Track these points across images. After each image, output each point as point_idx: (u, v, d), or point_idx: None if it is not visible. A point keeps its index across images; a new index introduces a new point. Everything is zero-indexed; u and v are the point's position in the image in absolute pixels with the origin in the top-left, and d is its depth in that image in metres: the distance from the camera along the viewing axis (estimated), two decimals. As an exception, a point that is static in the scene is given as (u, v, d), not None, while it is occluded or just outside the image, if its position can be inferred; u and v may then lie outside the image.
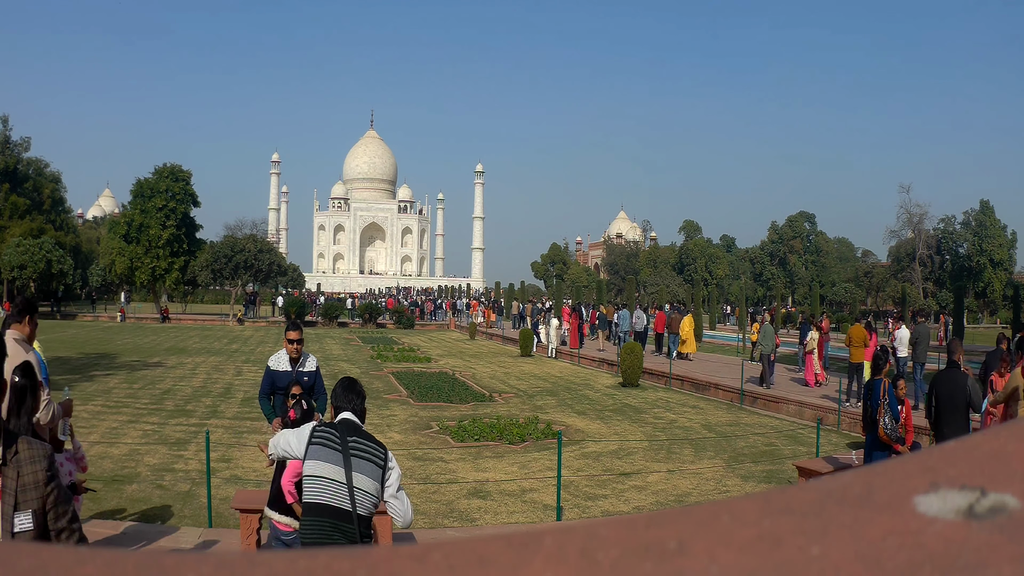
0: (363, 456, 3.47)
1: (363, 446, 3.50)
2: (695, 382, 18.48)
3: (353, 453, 3.44)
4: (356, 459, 3.44)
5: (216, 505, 7.37)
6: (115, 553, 0.40)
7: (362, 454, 3.47)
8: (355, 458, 3.44)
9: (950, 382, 7.61)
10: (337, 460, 3.42)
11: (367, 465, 3.45)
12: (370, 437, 3.62)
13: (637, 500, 8.66)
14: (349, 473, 3.39)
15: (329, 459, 3.43)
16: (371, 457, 3.49)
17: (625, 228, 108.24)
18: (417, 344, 31.27)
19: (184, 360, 22.27)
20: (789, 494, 0.43)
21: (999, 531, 0.37)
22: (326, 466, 3.42)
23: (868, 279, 76.94)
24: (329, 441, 3.47)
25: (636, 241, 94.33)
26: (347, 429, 3.56)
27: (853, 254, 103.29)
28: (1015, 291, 38.61)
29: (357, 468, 3.42)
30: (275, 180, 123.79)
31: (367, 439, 3.58)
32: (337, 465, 3.41)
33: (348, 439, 3.49)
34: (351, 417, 3.66)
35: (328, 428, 3.56)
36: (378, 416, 13.48)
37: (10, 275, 41.76)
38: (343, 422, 3.61)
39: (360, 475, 3.41)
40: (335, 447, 3.45)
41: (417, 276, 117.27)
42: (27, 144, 56.70)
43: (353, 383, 3.80)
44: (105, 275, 55.50)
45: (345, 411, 3.68)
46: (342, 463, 3.41)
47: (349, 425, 3.60)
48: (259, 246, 44.11)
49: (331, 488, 3.40)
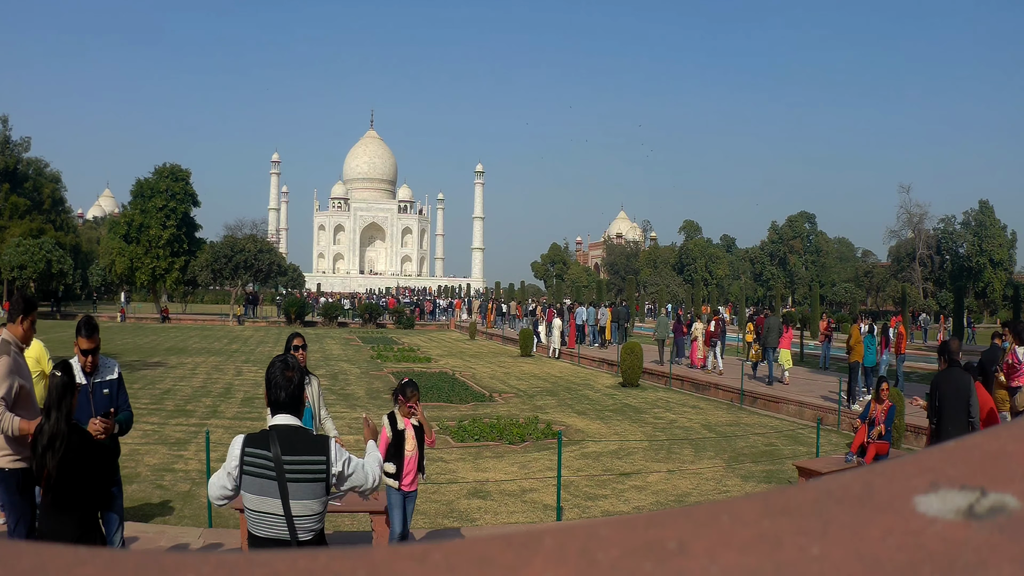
0: (300, 478, 3.10)
1: (299, 465, 3.10)
2: (695, 382, 18.48)
3: (290, 478, 3.08)
4: (292, 484, 3.09)
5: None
6: (115, 553, 0.40)
7: (299, 475, 3.10)
8: (291, 484, 3.08)
9: (952, 382, 7.58)
10: (273, 491, 3.08)
11: (305, 487, 3.11)
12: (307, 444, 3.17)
13: (637, 500, 8.66)
14: (287, 504, 3.07)
15: (264, 491, 3.10)
16: (309, 476, 3.12)
17: (625, 228, 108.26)
18: (417, 344, 31.27)
19: (184, 360, 22.28)
20: (789, 494, 0.43)
21: (999, 531, 0.37)
22: (263, 500, 3.11)
23: (868, 279, 76.97)
24: (262, 469, 3.10)
25: (636, 241, 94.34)
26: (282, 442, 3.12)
27: (853, 254, 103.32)
28: (1015, 291, 38.62)
29: (295, 495, 3.09)
30: (275, 180, 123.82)
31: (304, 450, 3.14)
32: (273, 497, 3.08)
33: (283, 459, 3.09)
34: (286, 422, 3.21)
35: (259, 450, 3.12)
36: (378, 416, 13.47)
37: (10, 275, 41.76)
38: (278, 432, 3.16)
39: (298, 501, 3.09)
40: (269, 475, 3.09)
41: (417, 276, 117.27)
42: (27, 144, 56.75)
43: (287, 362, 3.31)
44: (105, 275, 55.51)
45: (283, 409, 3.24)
46: (278, 493, 3.07)
47: (284, 435, 3.15)
48: (259, 246, 44.12)
49: (268, 521, 3.12)
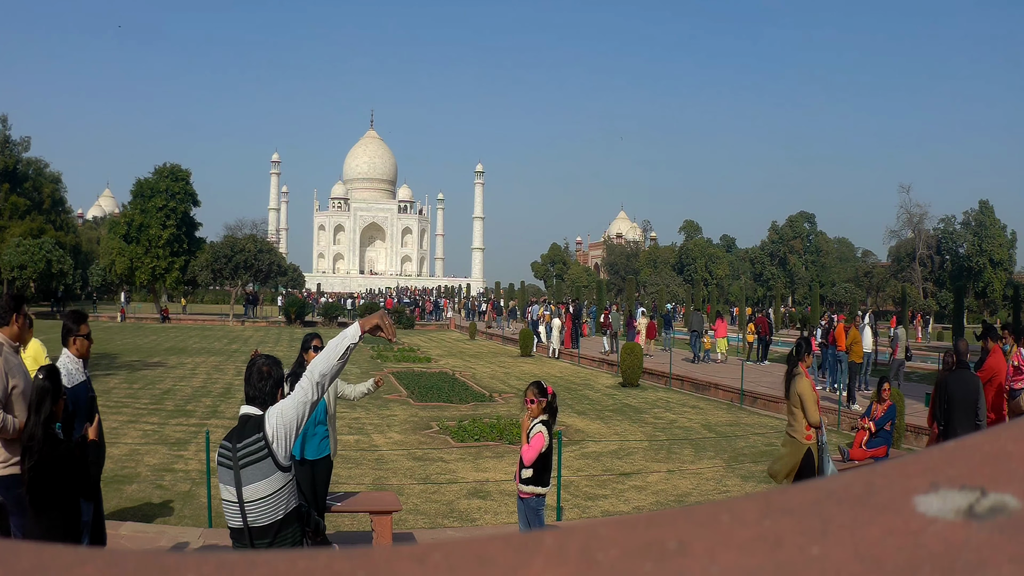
0: (250, 461, 3.19)
1: (248, 449, 3.21)
2: (695, 382, 18.49)
3: (242, 464, 3.19)
4: (245, 469, 3.19)
5: (216, 505, 7.36)
6: (115, 553, 0.40)
7: (249, 459, 3.20)
8: (243, 469, 3.19)
9: (961, 383, 7.57)
10: (229, 480, 3.22)
11: (253, 469, 3.19)
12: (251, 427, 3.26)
13: (637, 500, 8.66)
14: (239, 489, 3.18)
15: (225, 480, 3.24)
16: (254, 458, 3.19)
17: (625, 228, 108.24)
18: (417, 344, 31.28)
19: (184, 360, 22.28)
20: (789, 494, 0.43)
21: (999, 531, 0.37)
22: (224, 489, 3.26)
23: (868, 279, 76.95)
24: (224, 459, 3.26)
25: (636, 241, 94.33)
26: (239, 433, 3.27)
27: (853, 254, 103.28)
28: (1015, 291, 38.63)
29: (247, 479, 3.18)
30: (275, 180, 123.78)
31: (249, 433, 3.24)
32: (230, 484, 3.21)
33: (238, 447, 3.21)
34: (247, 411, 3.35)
35: (227, 441, 3.29)
36: (378, 416, 13.48)
37: (10, 275, 41.75)
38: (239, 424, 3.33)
39: (250, 485, 3.18)
40: (228, 464, 3.23)
41: (417, 276, 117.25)
42: (27, 144, 56.73)
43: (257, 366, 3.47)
44: (105, 275, 55.50)
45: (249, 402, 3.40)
46: (233, 481, 3.20)
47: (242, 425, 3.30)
48: (259, 246, 44.13)
49: (229, 509, 3.26)
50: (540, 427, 5.65)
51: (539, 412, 5.72)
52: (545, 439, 5.62)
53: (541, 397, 5.71)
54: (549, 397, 5.77)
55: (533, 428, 5.68)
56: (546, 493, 5.80)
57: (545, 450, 5.65)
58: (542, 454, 5.63)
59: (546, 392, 5.76)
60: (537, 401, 5.70)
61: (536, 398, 5.70)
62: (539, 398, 5.70)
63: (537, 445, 5.58)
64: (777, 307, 51.75)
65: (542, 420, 5.70)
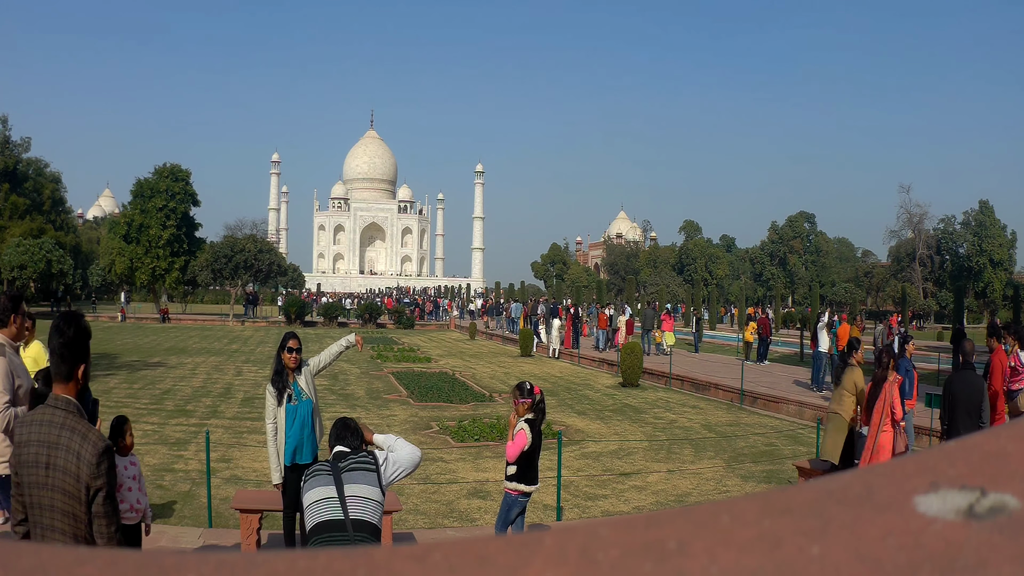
0: (354, 469, 3.55)
1: (353, 464, 3.59)
2: (695, 382, 18.49)
3: (343, 471, 3.55)
4: (347, 473, 3.54)
5: (216, 505, 7.37)
6: (115, 553, 0.40)
7: (352, 469, 3.56)
8: (345, 473, 3.54)
9: (965, 383, 7.57)
10: (328, 482, 3.51)
11: (358, 475, 3.53)
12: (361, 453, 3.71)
13: (637, 500, 8.66)
14: (340, 487, 3.47)
15: (320, 483, 3.52)
16: (361, 467, 3.57)
17: (625, 228, 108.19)
18: (417, 344, 31.27)
19: (184, 360, 22.27)
20: (789, 494, 0.43)
21: (999, 531, 0.37)
22: (319, 490, 3.50)
23: (868, 279, 76.93)
24: (320, 473, 3.59)
25: (636, 241, 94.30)
26: (337, 457, 3.69)
27: (853, 254, 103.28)
28: (1015, 291, 38.62)
29: (348, 480, 3.51)
30: (275, 180, 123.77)
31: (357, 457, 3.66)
32: (328, 486, 3.49)
33: (338, 464, 3.60)
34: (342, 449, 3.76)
35: (319, 464, 3.67)
36: (378, 416, 13.48)
37: (10, 275, 41.75)
38: (334, 455, 3.73)
39: (352, 485, 3.49)
40: (326, 474, 3.56)
41: (417, 276, 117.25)
42: (27, 144, 56.72)
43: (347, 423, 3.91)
44: (105, 275, 55.51)
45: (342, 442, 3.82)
46: (333, 483, 3.50)
47: (339, 455, 3.71)
48: (259, 246, 44.11)
49: (325, 505, 3.46)
50: (523, 425, 5.78)
51: (525, 412, 5.85)
52: (527, 438, 5.74)
53: (525, 398, 5.84)
54: (536, 398, 5.88)
55: (517, 427, 5.81)
56: (532, 491, 5.89)
57: (528, 449, 5.76)
58: (525, 452, 5.75)
59: (530, 393, 5.88)
60: (521, 402, 5.83)
61: (519, 399, 5.84)
62: (522, 399, 5.83)
63: (519, 443, 5.72)
64: (777, 307, 51.72)
65: (526, 419, 5.82)
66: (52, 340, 2.87)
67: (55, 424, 2.83)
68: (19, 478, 2.89)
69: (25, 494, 2.88)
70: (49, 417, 2.84)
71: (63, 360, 2.88)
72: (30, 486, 2.85)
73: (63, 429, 2.82)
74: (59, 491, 2.82)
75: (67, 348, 2.87)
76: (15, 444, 2.94)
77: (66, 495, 2.82)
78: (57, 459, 2.81)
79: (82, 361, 2.92)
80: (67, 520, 2.85)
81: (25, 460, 2.85)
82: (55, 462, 2.81)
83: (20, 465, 2.88)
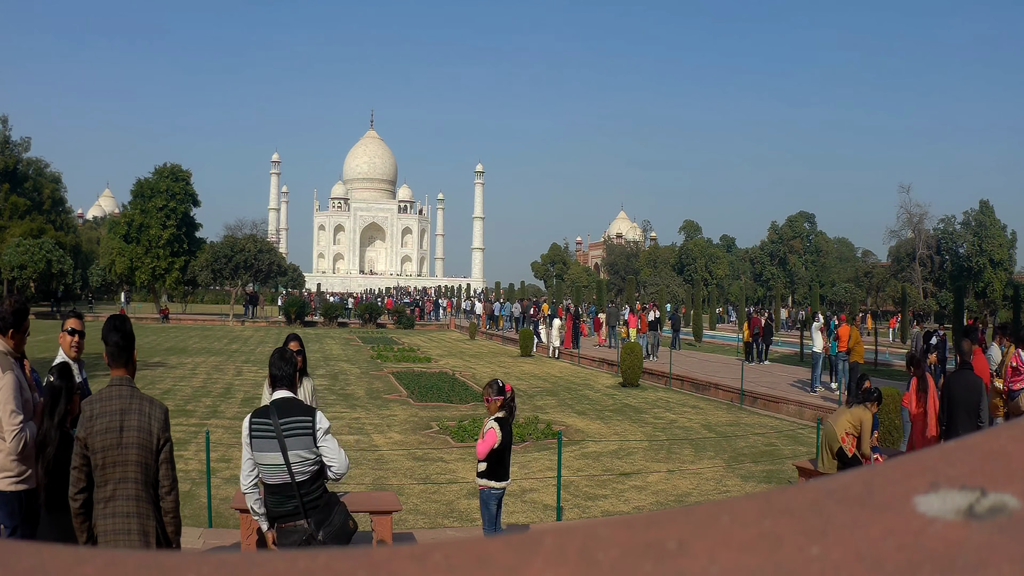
0: (295, 433, 4.05)
1: (293, 424, 4.07)
2: (695, 382, 18.49)
3: (286, 434, 4.04)
4: (289, 439, 4.03)
5: (216, 505, 7.37)
6: (115, 553, 0.40)
7: (294, 432, 4.05)
8: (288, 438, 4.03)
9: (964, 383, 7.59)
10: (274, 447, 4.04)
11: (298, 440, 4.05)
12: (298, 409, 4.16)
13: (637, 500, 8.66)
14: (285, 453, 4.02)
15: (266, 448, 4.06)
16: (301, 431, 4.07)
17: (625, 228, 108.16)
18: (417, 344, 31.27)
19: (184, 360, 22.27)
20: (789, 494, 0.43)
21: (999, 531, 0.37)
22: (267, 455, 4.06)
23: (868, 279, 76.86)
24: (264, 431, 4.08)
25: (636, 241, 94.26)
26: (278, 410, 4.10)
27: (853, 254, 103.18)
28: (1015, 291, 38.59)
29: (291, 446, 4.02)
30: (275, 180, 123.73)
31: (296, 414, 4.11)
32: (274, 451, 4.04)
33: (280, 422, 4.06)
34: (282, 395, 4.20)
35: (261, 418, 4.12)
36: (378, 416, 13.48)
37: (10, 275, 41.72)
38: (274, 404, 4.15)
39: (294, 451, 4.03)
40: (270, 435, 4.06)
41: (417, 276, 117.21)
42: (27, 144, 56.69)
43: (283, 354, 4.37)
44: (105, 275, 55.50)
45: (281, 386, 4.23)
46: (279, 447, 4.03)
47: (280, 405, 4.13)
48: (259, 246, 44.09)
49: (274, 470, 4.05)
50: (492, 424, 5.88)
51: (497, 409, 5.94)
52: (497, 435, 5.85)
53: (496, 395, 5.93)
54: (507, 395, 5.97)
55: (488, 425, 5.90)
56: (503, 487, 6.04)
57: (499, 446, 5.87)
58: (496, 450, 5.86)
59: (502, 390, 5.96)
60: (492, 400, 5.92)
61: (491, 396, 5.93)
62: (494, 396, 5.92)
63: (489, 441, 5.84)
64: (777, 307, 51.73)
65: (496, 418, 5.91)
66: (110, 335, 3.67)
67: (124, 396, 3.63)
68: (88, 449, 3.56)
69: (97, 458, 3.55)
70: (117, 392, 3.63)
71: (122, 350, 3.69)
72: (104, 449, 3.54)
73: (132, 399, 3.64)
74: (133, 446, 3.58)
75: (125, 340, 3.70)
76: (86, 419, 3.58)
77: (140, 448, 3.59)
78: (131, 420, 3.59)
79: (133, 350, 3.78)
80: (139, 469, 3.60)
81: (98, 430, 3.55)
82: (128, 423, 3.58)
83: (92, 435, 3.55)
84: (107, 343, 3.69)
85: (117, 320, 3.76)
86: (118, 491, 3.58)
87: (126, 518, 3.59)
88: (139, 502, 3.61)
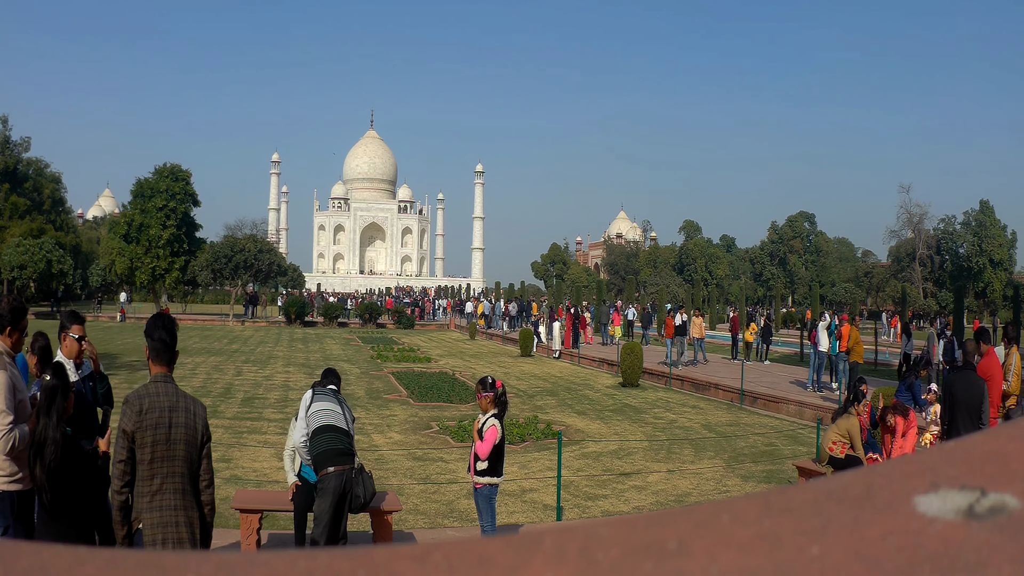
0: (343, 401, 5.83)
1: (342, 398, 5.87)
2: (695, 382, 18.49)
3: (340, 400, 5.80)
4: (343, 404, 5.78)
5: (216, 505, 7.36)
6: (115, 553, 0.40)
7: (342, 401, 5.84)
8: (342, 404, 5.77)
9: (965, 383, 7.59)
10: (335, 402, 5.69)
11: (346, 407, 5.78)
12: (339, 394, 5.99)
13: (637, 500, 8.66)
14: (343, 406, 5.74)
15: (329, 401, 5.66)
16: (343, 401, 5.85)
17: (625, 228, 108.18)
18: (417, 344, 31.27)
19: (184, 360, 22.25)
20: (789, 494, 0.43)
21: (999, 531, 0.37)
22: (329, 404, 5.62)
23: (868, 279, 76.88)
24: (327, 394, 5.75)
25: (636, 241, 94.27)
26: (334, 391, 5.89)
27: (853, 254, 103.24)
28: (1015, 291, 38.61)
29: (343, 408, 5.73)
30: (275, 180, 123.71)
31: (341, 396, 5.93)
32: (335, 405, 5.66)
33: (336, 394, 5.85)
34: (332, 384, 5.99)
35: (323, 388, 5.83)
36: (378, 416, 13.48)
37: (10, 275, 41.73)
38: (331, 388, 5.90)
39: (347, 410, 5.75)
40: (332, 397, 5.75)
41: (417, 276, 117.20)
42: (27, 144, 56.70)
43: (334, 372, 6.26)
44: (105, 275, 55.47)
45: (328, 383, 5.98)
46: (338, 403, 5.71)
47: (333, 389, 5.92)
48: (259, 246, 44.10)
49: (334, 415, 5.55)
50: (492, 421, 5.91)
51: (488, 406, 5.98)
52: (498, 432, 5.90)
53: (487, 392, 5.98)
54: (498, 391, 6.01)
55: (486, 423, 5.91)
56: (500, 481, 6.07)
57: (498, 442, 5.92)
58: (496, 446, 5.90)
59: (492, 387, 6.01)
60: (484, 396, 5.98)
61: (482, 393, 5.99)
62: (485, 393, 5.98)
63: (491, 439, 5.87)
64: (777, 307, 51.74)
65: (493, 414, 5.94)
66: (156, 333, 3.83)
67: (170, 393, 3.81)
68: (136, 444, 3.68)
69: (146, 453, 3.68)
70: (163, 389, 3.80)
71: (166, 349, 3.86)
72: (155, 444, 3.69)
73: (178, 396, 3.84)
74: (182, 442, 3.76)
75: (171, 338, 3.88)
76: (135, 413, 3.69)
77: (188, 444, 3.78)
78: (179, 417, 3.77)
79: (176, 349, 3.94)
80: (186, 465, 3.79)
81: (148, 424, 3.68)
82: (177, 420, 3.75)
83: (142, 430, 3.68)
84: (151, 339, 3.83)
85: (163, 319, 3.91)
86: (165, 485, 3.73)
87: (173, 511, 3.74)
88: (184, 495, 3.79)
